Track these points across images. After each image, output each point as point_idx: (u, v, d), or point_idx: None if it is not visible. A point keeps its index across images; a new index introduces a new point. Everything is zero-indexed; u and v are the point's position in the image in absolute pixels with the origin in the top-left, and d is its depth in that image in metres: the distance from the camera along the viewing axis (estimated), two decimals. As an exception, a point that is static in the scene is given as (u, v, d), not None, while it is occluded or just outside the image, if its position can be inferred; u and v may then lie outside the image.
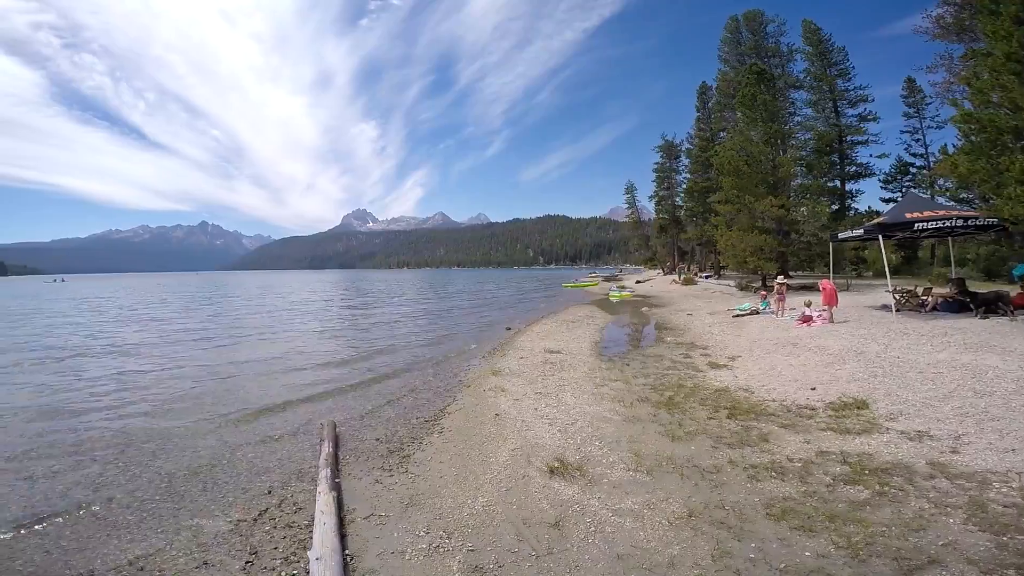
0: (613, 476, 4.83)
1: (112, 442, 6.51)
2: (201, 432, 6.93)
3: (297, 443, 6.39)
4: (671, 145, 52.29)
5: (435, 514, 4.27)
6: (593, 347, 12.53)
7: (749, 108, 26.60)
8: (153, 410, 8.10)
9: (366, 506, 4.49)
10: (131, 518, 4.44)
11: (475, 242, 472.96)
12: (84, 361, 12.53)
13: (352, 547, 3.82)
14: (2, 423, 7.39)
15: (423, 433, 6.55)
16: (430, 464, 5.44)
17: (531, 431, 6.26)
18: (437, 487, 4.82)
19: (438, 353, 12.94)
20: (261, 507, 4.60)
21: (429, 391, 8.92)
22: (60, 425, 7.30)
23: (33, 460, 5.90)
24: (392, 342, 15.09)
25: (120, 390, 9.42)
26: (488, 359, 11.59)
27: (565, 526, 3.97)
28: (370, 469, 5.39)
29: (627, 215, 66.67)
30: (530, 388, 8.43)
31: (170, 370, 11.32)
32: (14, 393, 9.24)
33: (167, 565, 3.68)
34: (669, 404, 7.15)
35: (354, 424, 7.11)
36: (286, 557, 3.74)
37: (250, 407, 8.18)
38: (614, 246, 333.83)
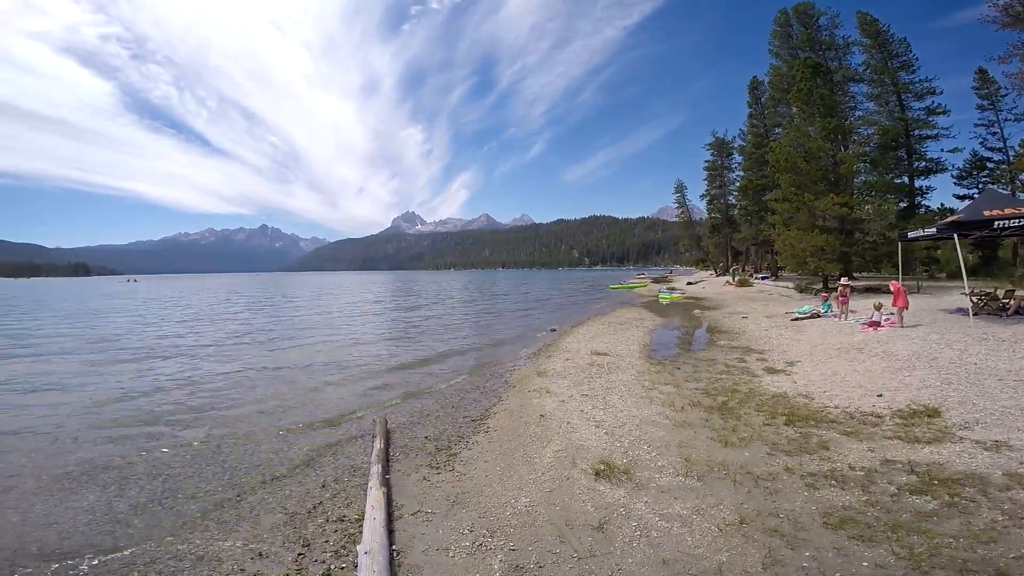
0: (661, 481, 4.73)
1: (180, 434, 6.92)
2: (262, 426, 7.27)
3: (351, 438, 6.60)
4: (722, 142, 50.71)
5: (479, 512, 4.30)
6: (642, 350, 12.30)
7: (805, 103, 25.44)
8: (218, 403, 8.57)
9: (414, 502, 4.57)
10: (193, 508, 4.68)
11: (519, 243, 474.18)
12: (156, 358, 13.37)
13: (399, 542, 3.89)
14: (89, 417, 7.92)
15: (469, 432, 6.61)
16: (476, 463, 5.47)
17: (577, 433, 6.20)
18: (482, 486, 4.85)
19: (484, 353, 13.06)
20: (315, 500, 4.76)
21: (476, 391, 9.00)
22: (136, 418, 7.80)
23: (110, 452, 6.31)
24: (440, 342, 15.34)
25: (190, 385, 9.99)
26: (533, 360, 11.59)
27: (609, 529, 3.92)
28: (418, 466, 5.47)
29: (677, 215, 65.14)
30: (576, 390, 8.35)
31: (234, 366, 11.96)
32: (99, 388, 9.91)
33: (225, 555, 3.84)
34: (722, 409, 6.92)
35: (404, 421, 7.26)
36: (336, 550, 3.84)
37: (307, 402, 8.54)
38: (663, 246, 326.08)
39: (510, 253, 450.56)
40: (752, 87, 42.68)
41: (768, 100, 38.25)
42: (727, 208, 50.71)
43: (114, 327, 21.51)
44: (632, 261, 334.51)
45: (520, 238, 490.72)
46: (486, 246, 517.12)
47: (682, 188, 61.29)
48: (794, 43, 33.51)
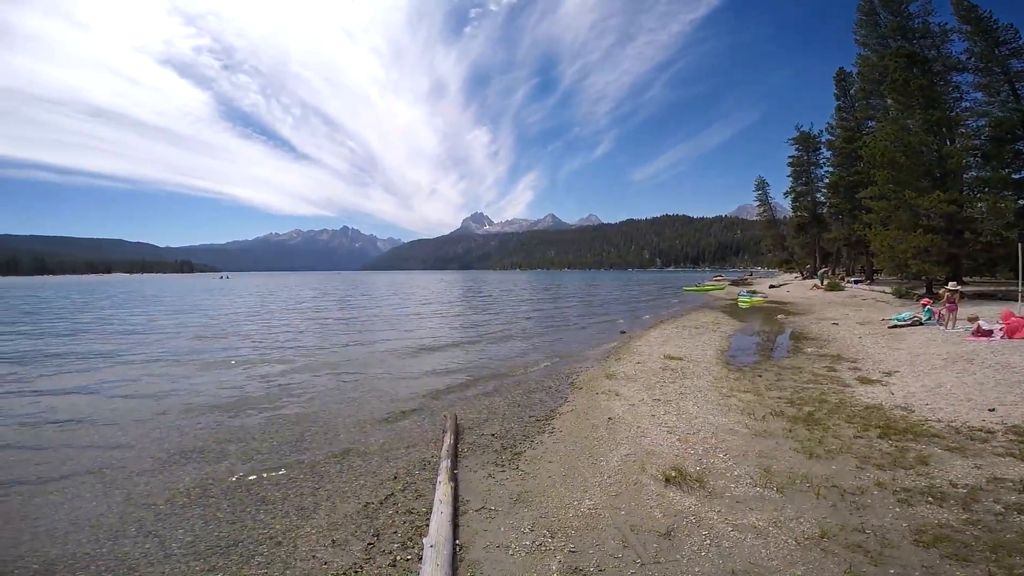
0: (737, 490, 4.53)
1: (266, 423, 7.36)
2: (341, 416, 7.63)
3: (423, 433, 6.79)
4: (808, 137, 47.44)
5: (541, 512, 4.28)
6: (719, 355, 11.81)
7: (902, 94, 23.33)
8: (302, 393, 9.10)
9: (478, 499, 4.62)
10: (277, 494, 4.93)
11: (586, 243, 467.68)
12: (247, 348, 14.16)
13: (462, 537, 3.94)
14: (185, 405, 8.63)
15: (535, 432, 6.61)
16: (540, 463, 5.46)
17: (647, 438, 6.06)
18: (545, 486, 4.83)
19: (551, 354, 13.03)
20: (387, 492, 4.91)
21: (542, 391, 9.00)
22: (227, 404, 8.38)
23: (203, 437, 6.84)
24: (507, 341, 15.50)
25: (277, 376, 10.63)
26: (602, 362, 11.43)
27: (677, 536, 3.80)
28: (484, 463, 5.53)
29: (758, 213, 61.61)
30: (647, 394, 8.15)
31: (316, 358, 12.64)
32: (193, 379, 10.76)
33: (301, 542, 4.01)
34: (808, 420, 6.51)
35: (472, 418, 7.37)
36: (403, 542, 3.93)
37: (383, 395, 8.91)
38: (742, 247, 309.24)
39: (576, 254, 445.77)
40: (839, 79, 39.89)
41: (859, 92, 35.39)
42: (815, 206, 47.35)
43: (213, 319, 22.90)
44: (708, 262, 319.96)
45: (587, 238, 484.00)
46: (552, 246, 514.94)
47: (763, 185, 57.87)
48: (883, 31, 30.72)
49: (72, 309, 29.85)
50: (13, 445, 6.46)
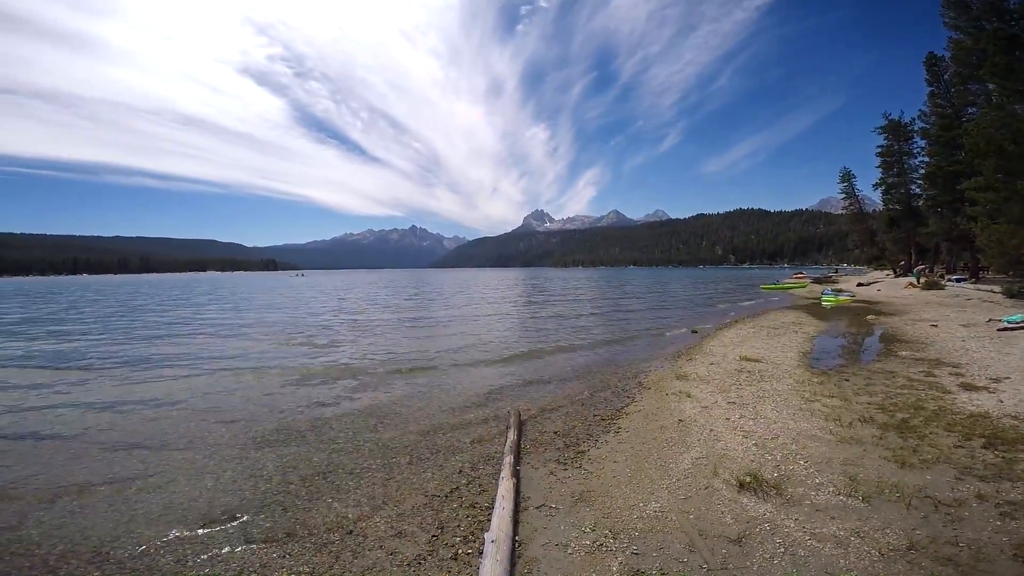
0: (818, 498, 4.28)
1: (341, 414, 7.65)
2: (412, 409, 7.85)
3: (487, 428, 6.84)
4: (898, 125, 43.57)
5: (603, 513, 4.21)
6: (801, 358, 11.07)
7: (1005, 78, 21.06)
8: (376, 387, 9.41)
9: (539, 496, 4.60)
10: (351, 483, 5.11)
11: (653, 240, 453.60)
12: (321, 341, 14.57)
13: (521, 533, 3.93)
14: (266, 395, 9.10)
15: (599, 431, 6.50)
16: (604, 463, 5.37)
17: (721, 442, 5.81)
18: (609, 486, 4.74)
19: (618, 352, 12.78)
20: (453, 485, 4.98)
21: (608, 390, 8.84)
22: (307, 395, 8.77)
23: (282, 425, 7.19)
24: (572, 339, 15.28)
25: (351, 368, 11.06)
26: (672, 362, 11.06)
27: (748, 543, 3.64)
28: (546, 461, 5.50)
29: (844, 207, 57.19)
30: (721, 397, 7.80)
31: (387, 354, 13.07)
32: (275, 369, 11.27)
33: (370, 531, 4.13)
34: (902, 427, 6.00)
35: (535, 415, 7.35)
36: (465, 536, 3.97)
37: (451, 390, 9.07)
38: (826, 242, 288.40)
39: (642, 250, 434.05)
40: (930, 64, 36.59)
41: (953, 77, 32.18)
42: (909, 198, 43.44)
43: (295, 313, 23.56)
44: (787, 258, 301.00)
45: (653, 234, 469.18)
46: (615, 243, 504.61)
47: (849, 176, 53.65)
48: (975, 13, 27.53)
49: (175, 304, 32.03)
50: (116, 429, 7.07)
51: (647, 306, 27.83)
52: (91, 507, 4.63)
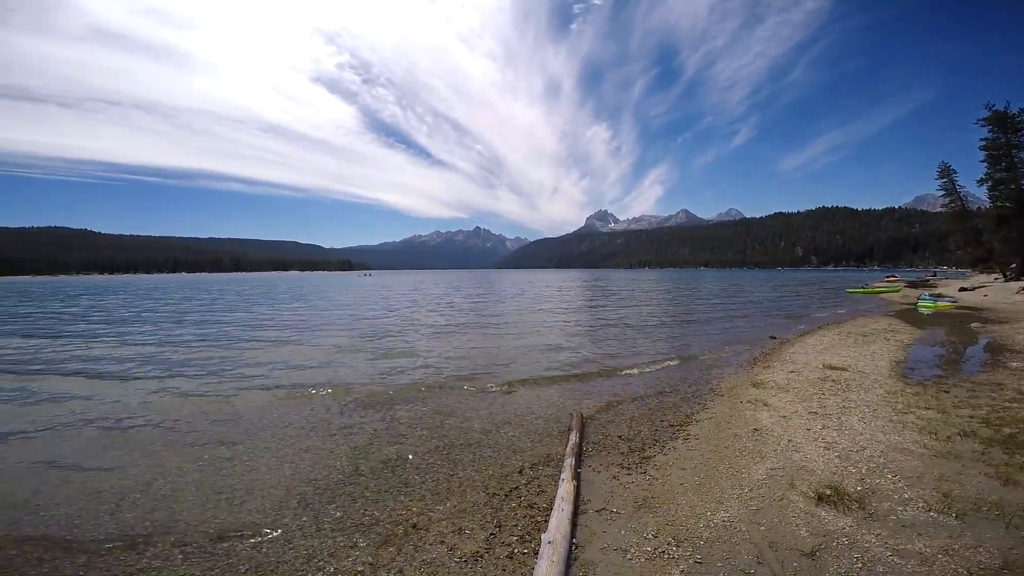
0: (905, 514, 3.99)
1: (410, 410, 7.86)
2: (475, 408, 7.94)
3: (549, 428, 6.80)
4: (1005, 116, 39.09)
5: (667, 520, 4.09)
6: (893, 367, 10.17)
7: None
8: (442, 383, 9.62)
9: (600, 499, 4.53)
10: (417, 478, 5.24)
11: (725, 240, 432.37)
12: (391, 340, 14.64)
13: (579, 536, 3.89)
14: (345, 387, 9.33)
15: (666, 437, 6.31)
16: (670, 469, 5.22)
17: (799, 452, 5.50)
18: (674, 493, 4.60)
19: (688, 357, 12.30)
20: (512, 484, 4.99)
21: (676, 395, 8.54)
22: (377, 390, 9.00)
23: (355, 419, 7.43)
24: (639, 341, 14.91)
25: (418, 366, 11.31)
26: (747, 369, 10.53)
27: (822, 557, 3.45)
28: (608, 464, 5.41)
29: (943, 204, 51.85)
30: (802, 406, 7.34)
31: (453, 350, 13.39)
32: (350, 365, 11.53)
33: (432, 526, 4.21)
34: (1009, 443, 5.46)
35: (599, 418, 7.24)
36: (522, 536, 3.97)
37: (513, 388, 9.12)
38: (922, 243, 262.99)
39: (714, 251, 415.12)
40: None
41: None
42: (1021, 194, 38.63)
43: (368, 312, 23.33)
44: (877, 260, 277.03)
45: (726, 234, 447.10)
46: (685, 243, 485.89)
47: (949, 172, 48.65)
48: None
49: (262, 301, 32.34)
50: (209, 417, 7.56)
51: (720, 309, 26.61)
52: (181, 491, 4.98)
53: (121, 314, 26.27)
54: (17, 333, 18.47)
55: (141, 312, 27.17)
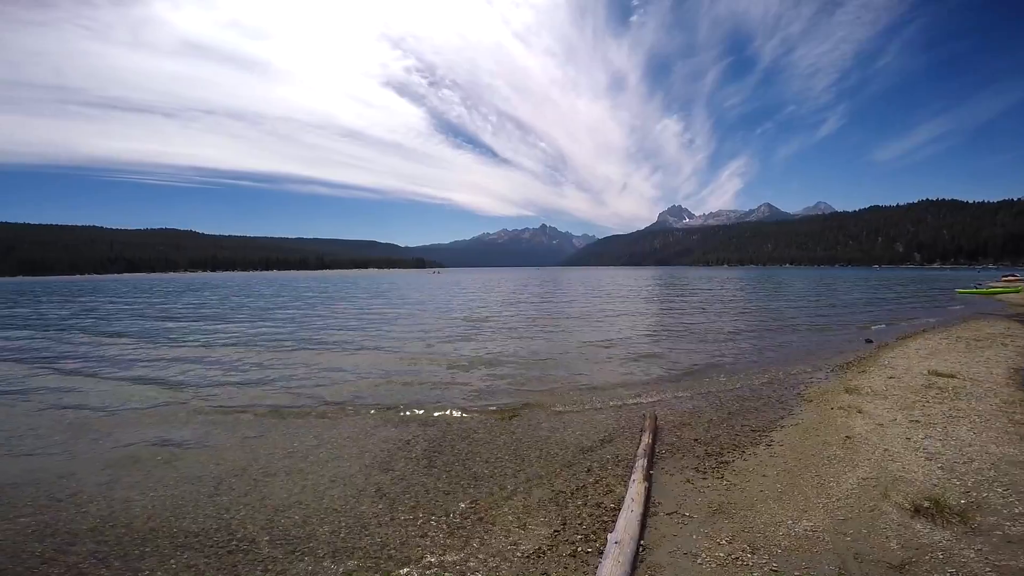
0: (1013, 530, 3.66)
1: (482, 404, 8.07)
2: (544, 404, 7.95)
3: (620, 429, 6.69)
4: None
5: (743, 526, 3.92)
6: (1011, 375, 9.09)
7: None
8: (512, 379, 9.73)
9: (672, 502, 4.43)
10: (485, 472, 5.32)
11: (813, 235, 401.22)
12: (463, 336, 14.51)
13: (647, 538, 3.81)
14: (415, 379, 9.53)
15: (747, 442, 6.03)
16: (750, 475, 4.99)
17: (896, 462, 5.11)
18: (753, 500, 4.40)
19: (771, 360, 11.62)
20: (579, 483, 4.97)
21: (759, 400, 8.10)
22: (447, 383, 9.15)
23: (429, 413, 7.58)
24: (717, 343, 14.25)
25: (490, 362, 11.52)
26: (839, 374, 9.78)
27: (912, 571, 3.24)
28: (683, 468, 5.27)
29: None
30: (902, 414, 6.77)
31: (524, 346, 13.53)
32: (418, 360, 11.64)
33: (498, 520, 4.26)
34: None
35: (673, 420, 7.04)
36: (586, 535, 3.94)
37: (583, 389, 9.00)
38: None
39: (801, 247, 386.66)
40: None
41: None
42: None
43: (441, 307, 22.93)
44: (992, 257, 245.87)
45: (815, 230, 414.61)
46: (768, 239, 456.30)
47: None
48: None
49: (346, 297, 30.68)
50: (298, 404, 7.99)
51: (808, 310, 24.82)
52: (271, 477, 5.32)
53: (236, 305, 28.22)
54: (121, 333, 19.44)
55: (263, 306, 28.87)
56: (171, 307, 30.56)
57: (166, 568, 3.62)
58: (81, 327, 20.49)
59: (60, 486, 5.11)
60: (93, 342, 15.91)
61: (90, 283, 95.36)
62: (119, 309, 29.64)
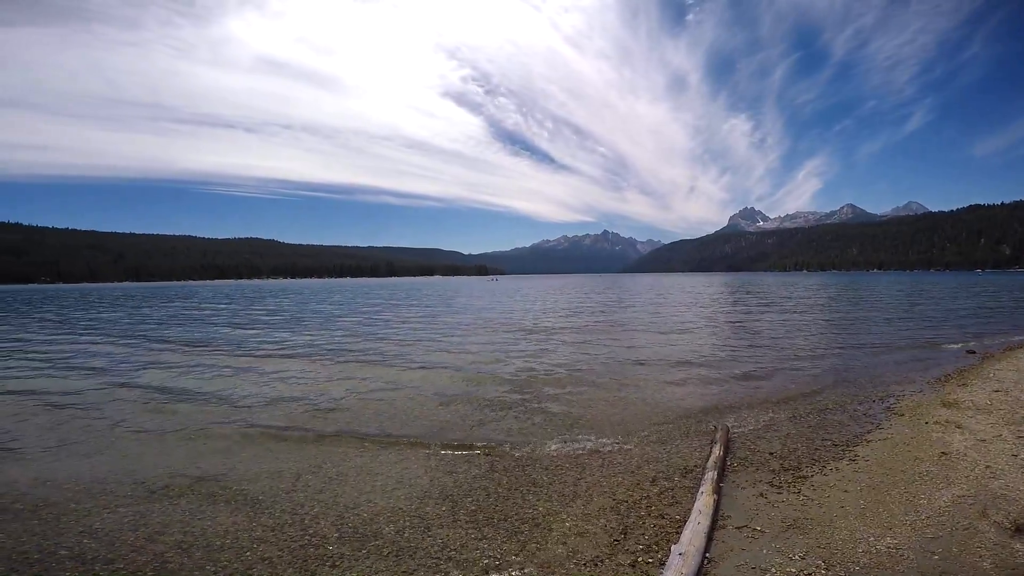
0: None
1: (540, 412, 7.94)
2: (608, 414, 7.78)
3: (687, 440, 6.47)
4: None
5: (819, 542, 3.71)
6: None
7: None
8: (574, 386, 9.60)
9: (741, 516, 4.24)
10: (545, 478, 5.29)
11: (905, 238, 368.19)
12: (523, 341, 14.24)
13: (714, 551, 3.67)
14: (476, 382, 9.57)
15: (829, 457, 5.68)
16: (830, 491, 4.70)
17: (999, 480, 4.69)
18: (832, 516, 4.15)
19: (858, 372, 10.82)
20: (642, 493, 4.84)
21: (843, 413, 7.59)
22: (510, 390, 9.11)
23: (491, 417, 7.62)
24: (795, 351, 13.44)
25: (552, 368, 11.40)
26: (936, 387, 8.97)
27: None
28: (756, 481, 5.04)
29: None
30: (1008, 430, 6.19)
31: (586, 354, 13.32)
32: (482, 364, 11.56)
33: (556, 525, 4.23)
34: None
35: (747, 433, 6.72)
36: (648, 545, 3.84)
37: (649, 397, 8.77)
38: None
39: (891, 251, 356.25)
40: None
41: None
42: None
43: (505, 313, 22.08)
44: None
45: (905, 231, 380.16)
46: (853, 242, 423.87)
47: None
48: None
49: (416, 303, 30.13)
50: (369, 409, 8.22)
51: (900, 319, 22.75)
52: (344, 475, 5.53)
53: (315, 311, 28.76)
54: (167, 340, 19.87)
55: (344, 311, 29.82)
56: (277, 311, 31.27)
57: (243, 559, 3.82)
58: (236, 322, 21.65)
59: (154, 480, 5.50)
60: (203, 345, 16.75)
61: (197, 288, 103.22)
62: (239, 310, 31.15)
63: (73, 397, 9.53)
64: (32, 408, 8.81)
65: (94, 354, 15.15)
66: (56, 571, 3.70)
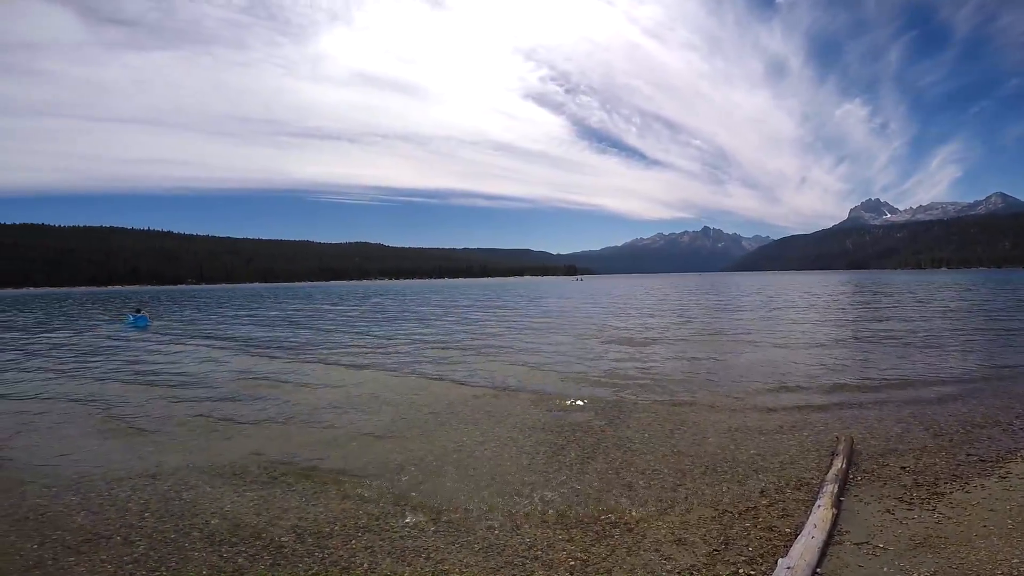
0: None
1: (640, 414, 7.76)
2: (712, 420, 7.39)
3: (803, 451, 5.99)
4: None
5: (951, 562, 3.36)
6: None
7: None
8: (675, 391, 9.22)
9: (863, 532, 3.89)
10: (641, 483, 5.15)
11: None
12: (621, 343, 13.64)
13: (827, 567, 3.40)
14: (565, 380, 9.40)
15: (973, 473, 5.06)
16: (972, 508, 4.22)
17: None
18: (970, 535, 3.73)
19: (1011, 379, 9.47)
20: (749, 504, 4.58)
21: (994, 426, 6.69)
22: (607, 389, 9.07)
23: (585, 418, 7.50)
24: (935, 358, 11.89)
25: (650, 372, 11.06)
26: None
27: None
28: (883, 496, 4.59)
29: None
30: None
31: (689, 359, 12.67)
32: (575, 365, 11.24)
33: (650, 533, 4.07)
34: None
35: (875, 445, 6.09)
36: (751, 557, 3.63)
37: (760, 404, 8.22)
38: None
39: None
40: None
41: None
42: None
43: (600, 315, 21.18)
44: None
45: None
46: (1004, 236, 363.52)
47: None
48: None
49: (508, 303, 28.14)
50: (469, 405, 8.45)
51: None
52: (443, 469, 5.75)
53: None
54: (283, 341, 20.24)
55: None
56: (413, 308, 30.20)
57: (348, 547, 4.05)
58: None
59: (277, 465, 5.98)
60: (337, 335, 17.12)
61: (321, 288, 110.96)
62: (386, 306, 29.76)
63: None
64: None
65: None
66: (188, 550, 4.08)
